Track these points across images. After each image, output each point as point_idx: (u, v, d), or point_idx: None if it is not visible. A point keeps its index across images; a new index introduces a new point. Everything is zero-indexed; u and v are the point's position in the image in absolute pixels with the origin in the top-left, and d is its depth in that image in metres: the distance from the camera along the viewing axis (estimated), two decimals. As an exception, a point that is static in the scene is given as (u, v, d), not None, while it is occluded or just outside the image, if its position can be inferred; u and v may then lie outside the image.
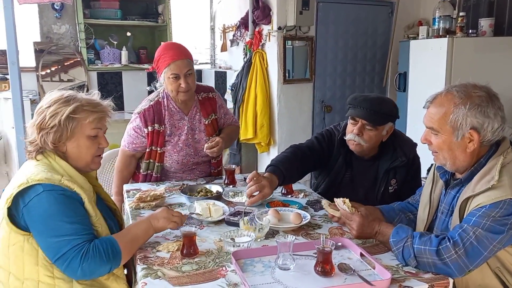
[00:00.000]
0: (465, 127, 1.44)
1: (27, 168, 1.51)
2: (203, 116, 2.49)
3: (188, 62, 2.35)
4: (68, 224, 1.39)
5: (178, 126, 2.44)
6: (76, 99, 1.56)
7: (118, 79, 4.67)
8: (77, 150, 1.57)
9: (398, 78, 4.24)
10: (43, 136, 1.52)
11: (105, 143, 1.65)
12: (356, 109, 2.07)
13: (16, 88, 2.57)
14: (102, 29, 4.60)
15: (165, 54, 2.33)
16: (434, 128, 1.51)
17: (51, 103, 1.54)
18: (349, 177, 2.22)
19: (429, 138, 1.54)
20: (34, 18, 4.29)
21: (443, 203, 1.62)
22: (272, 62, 4.19)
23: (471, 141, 1.46)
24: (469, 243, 1.36)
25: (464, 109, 1.43)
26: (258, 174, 1.92)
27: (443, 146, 1.50)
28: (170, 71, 2.30)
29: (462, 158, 1.49)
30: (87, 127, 1.57)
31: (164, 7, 4.80)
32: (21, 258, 1.43)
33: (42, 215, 1.40)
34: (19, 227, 1.43)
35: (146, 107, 2.41)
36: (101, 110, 1.61)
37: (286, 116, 4.25)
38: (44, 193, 1.41)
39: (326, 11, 4.32)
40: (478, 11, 4.06)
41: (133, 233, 1.54)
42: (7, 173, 4.37)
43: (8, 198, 1.42)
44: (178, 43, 2.48)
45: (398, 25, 4.54)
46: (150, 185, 2.35)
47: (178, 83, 2.31)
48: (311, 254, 1.51)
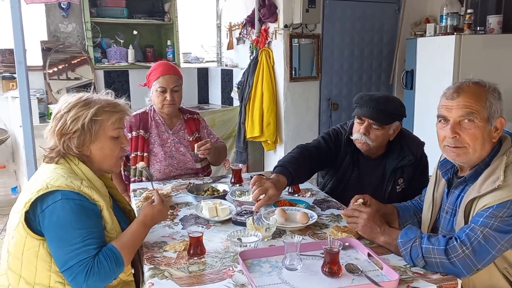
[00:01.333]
0: (497, 114, 1.46)
1: (46, 172, 1.50)
2: (188, 133, 2.62)
3: (176, 79, 2.53)
4: (78, 237, 1.39)
5: (162, 138, 2.55)
6: (95, 101, 1.56)
7: (124, 77, 4.68)
8: (101, 152, 1.57)
9: (405, 75, 4.21)
10: (65, 141, 1.51)
11: (127, 142, 1.66)
12: (362, 109, 2.06)
13: (24, 87, 2.57)
14: (109, 28, 4.61)
15: (156, 69, 2.52)
16: (472, 115, 1.44)
17: (70, 108, 1.52)
18: (356, 176, 2.21)
19: (458, 131, 1.47)
20: (41, 17, 4.31)
21: (447, 202, 1.61)
22: (278, 60, 4.18)
23: (496, 130, 1.47)
24: (476, 242, 1.36)
25: (495, 97, 1.46)
26: (260, 177, 1.89)
27: (478, 135, 1.45)
28: (158, 84, 2.48)
29: (487, 149, 1.48)
30: (109, 128, 1.57)
31: (170, 5, 4.79)
32: (34, 263, 1.43)
33: (55, 223, 1.39)
34: (35, 232, 1.42)
35: (133, 115, 2.53)
36: (120, 110, 1.61)
37: (293, 114, 4.25)
38: (61, 202, 1.40)
39: (332, 8, 4.30)
40: (486, 8, 4.02)
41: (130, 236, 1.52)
42: (15, 171, 4.40)
43: (27, 202, 1.41)
44: (169, 62, 2.65)
45: (405, 22, 4.51)
46: (156, 184, 2.35)
47: (164, 96, 2.49)
48: (318, 254, 1.51)
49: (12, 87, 4.18)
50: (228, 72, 4.94)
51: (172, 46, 4.89)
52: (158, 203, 1.62)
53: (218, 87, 5.16)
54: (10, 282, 1.47)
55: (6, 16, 3.18)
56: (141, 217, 1.58)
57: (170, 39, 4.90)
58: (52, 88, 4.26)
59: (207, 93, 5.35)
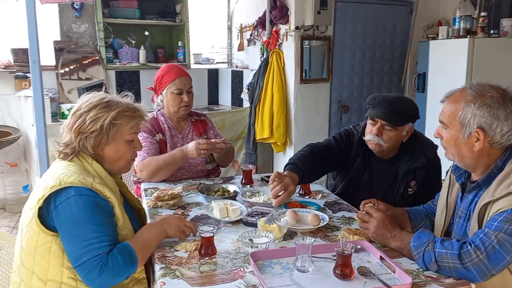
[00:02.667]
0: (472, 125, 1.44)
1: (59, 169, 1.52)
2: (196, 135, 2.63)
3: (190, 80, 2.55)
4: (91, 233, 1.40)
5: (173, 141, 2.54)
6: (116, 104, 1.58)
7: (135, 77, 4.71)
8: (115, 154, 1.59)
9: (417, 78, 4.19)
10: (81, 140, 1.54)
11: (140, 146, 1.69)
12: (375, 109, 2.05)
13: (37, 86, 2.60)
14: (121, 28, 4.64)
15: (169, 72, 2.50)
16: (444, 122, 1.53)
17: (91, 107, 1.55)
18: (367, 177, 2.20)
19: (440, 133, 1.56)
20: (54, 17, 4.35)
21: (460, 207, 1.60)
22: (289, 61, 4.17)
23: (477, 140, 1.45)
24: (491, 247, 1.34)
25: (473, 107, 1.44)
26: (280, 174, 1.92)
27: (450, 141, 1.52)
28: (175, 86, 2.47)
29: (470, 156, 1.49)
30: (126, 132, 1.59)
31: (182, 6, 4.81)
32: (47, 259, 1.44)
33: (69, 219, 1.40)
34: (48, 228, 1.43)
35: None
36: (139, 115, 1.63)
37: (303, 116, 4.24)
38: (74, 198, 1.41)
39: (344, 10, 4.29)
40: (499, 11, 3.98)
41: (146, 238, 1.53)
42: (27, 170, 4.44)
43: (40, 198, 1.42)
44: (178, 64, 2.65)
45: (417, 24, 4.49)
46: (167, 184, 2.36)
47: (181, 98, 2.48)
48: (330, 256, 1.50)
49: (24, 86, 4.22)
50: (239, 74, 4.95)
51: (183, 47, 4.91)
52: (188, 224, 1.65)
53: (228, 88, 5.16)
54: (23, 278, 1.48)
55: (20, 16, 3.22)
56: (160, 221, 1.61)
57: (181, 40, 4.92)
58: (63, 88, 4.30)
59: (217, 94, 5.36)
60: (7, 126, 4.23)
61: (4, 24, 4.32)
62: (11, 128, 4.21)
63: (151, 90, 2.64)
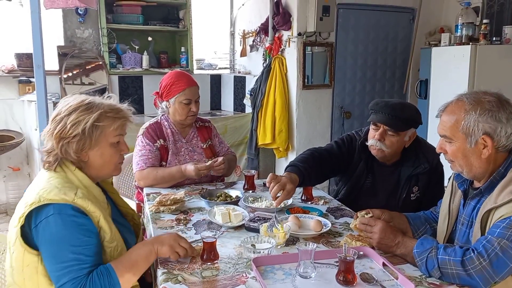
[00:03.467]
0: (478, 133, 1.44)
1: (40, 183, 1.44)
2: (201, 141, 2.62)
3: (198, 90, 2.54)
4: (71, 254, 1.33)
5: (176, 146, 2.54)
6: (97, 105, 1.50)
7: (138, 82, 4.73)
8: (100, 159, 1.52)
9: (419, 85, 4.20)
10: (63, 145, 1.45)
11: (126, 148, 1.60)
12: (377, 115, 2.06)
13: (41, 91, 2.61)
14: (124, 34, 4.67)
15: (179, 81, 2.48)
16: (447, 136, 1.51)
17: (71, 111, 1.47)
18: (370, 182, 2.21)
19: (444, 147, 1.54)
20: (58, 23, 4.38)
21: (463, 214, 1.60)
22: (291, 67, 4.19)
23: (485, 147, 1.45)
24: (494, 254, 1.33)
25: (474, 115, 1.44)
26: (276, 175, 1.92)
27: (457, 153, 1.50)
28: (184, 96, 2.46)
29: (478, 165, 1.48)
30: (110, 134, 1.51)
31: (185, 12, 4.84)
32: (36, 279, 1.38)
33: (48, 239, 1.34)
34: (32, 246, 1.38)
35: (147, 125, 2.55)
36: (123, 116, 1.55)
37: (305, 121, 4.24)
38: (53, 217, 1.34)
39: (346, 17, 4.31)
40: (502, 19, 3.99)
41: (133, 259, 1.44)
42: (29, 174, 4.45)
43: (21, 217, 1.36)
44: (186, 72, 2.62)
45: (419, 31, 4.49)
46: (170, 189, 2.36)
47: (189, 107, 2.48)
48: (333, 262, 1.50)
49: (28, 90, 4.25)
50: (241, 79, 4.96)
51: (186, 53, 4.93)
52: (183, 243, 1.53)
53: (230, 93, 5.18)
54: None
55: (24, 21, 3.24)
56: (151, 239, 1.52)
57: (184, 45, 4.95)
58: (67, 93, 4.31)
59: (219, 99, 5.37)
60: (10, 131, 4.24)
61: (8, 29, 4.35)
62: (14, 133, 4.23)
63: (155, 95, 2.62)
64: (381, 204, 2.04)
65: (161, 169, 2.41)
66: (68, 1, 3.15)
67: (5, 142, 4.00)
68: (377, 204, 1.98)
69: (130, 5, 4.57)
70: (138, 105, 4.71)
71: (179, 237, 1.54)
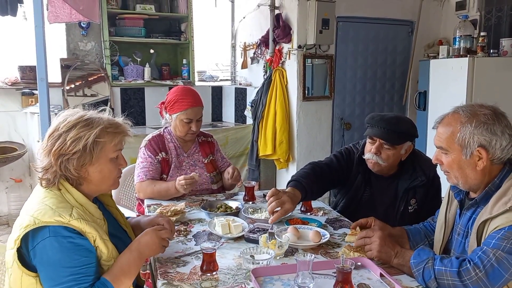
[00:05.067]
0: (473, 145, 1.46)
1: (35, 203, 1.42)
2: (202, 156, 2.64)
3: (201, 109, 2.55)
4: (69, 276, 1.33)
5: (179, 160, 2.56)
6: (96, 121, 1.48)
7: (140, 94, 4.77)
8: (100, 174, 1.50)
9: (418, 96, 4.23)
10: (63, 162, 1.42)
11: (125, 163, 1.59)
12: (373, 129, 2.09)
13: (44, 103, 2.64)
14: (127, 46, 4.72)
15: (183, 99, 2.49)
16: (443, 147, 1.53)
17: (70, 127, 1.44)
18: (368, 195, 2.23)
19: (440, 158, 1.57)
20: (62, 36, 4.43)
21: (459, 224, 1.62)
22: (291, 79, 4.23)
23: (480, 159, 1.48)
24: (489, 265, 1.35)
25: (470, 127, 1.46)
26: (278, 190, 1.94)
27: (453, 165, 1.52)
28: (185, 115, 2.48)
29: (473, 176, 1.51)
30: (110, 150, 1.50)
31: (187, 25, 4.90)
32: None
33: (46, 262, 1.34)
34: (30, 268, 1.37)
35: (150, 138, 2.57)
36: (122, 131, 1.55)
37: (305, 132, 4.27)
38: (49, 239, 1.33)
39: (345, 30, 4.36)
40: (499, 31, 4.04)
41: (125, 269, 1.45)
42: (31, 185, 4.48)
43: (16, 239, 1.36)
44: (193, 90, 2.62)
45: (418, 44, 4.54)
46: (170, 201, 2.38)
47: (189, 126, 2.50)
48: (331, 273, 1.52)
49: (31, 103, 4.29)
50: (242, 91, 5.01)
51: (187, 65, 4.98)
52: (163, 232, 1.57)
53: (232, 105, 5.22)
54: None
55: (28, 34, 3.29)
56: (130, 246, 1.51)
57: (185, 58, 5.00)
58: (69, 104, 4.35)
59: (221, 111, 5.41)
60: (13, 142, 4.28)
61: (12, 42, 4.40)
62: (17, 144, 4.26)
63: (160, 108, 2.63)
64: (380, 216, 2.03)
65: (158, 183, 2.43)
66: (71, 16, 3.20)
67: (7, 153, 4.03)
68: (375, 216, 1.98)
69: (132, 18, 4.63)
70: (140, 116, 4.75)
71: (156, 232, 1.56)
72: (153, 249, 1.54)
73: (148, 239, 1.53)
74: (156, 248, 1.54)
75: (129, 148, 1.66)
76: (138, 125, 4.64)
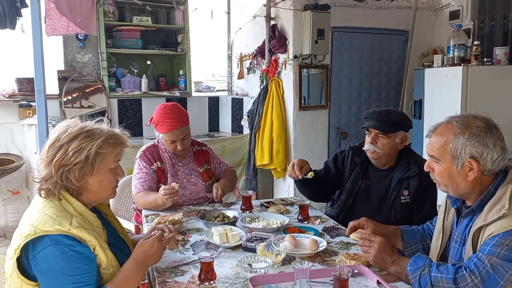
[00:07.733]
0: (464, 156, 1.48)
1: (35, 212, 1.43)
2: (197, 165, 2.65)
3: (185, 129, 2.51)
4: (70, 284, 1.34)
5: (174, 169, 2.57)
6: (97, 132, 1.50)
7: (137, 105, 4.79)
8: (99, 184, 1.51)
9: (414, 105, 4.26)
10: (64, 173, 1.43)
11: (122, 172, 1.62)
12: (368, 121, 2.32)
13: (42, 115, 2.66)
14: (124, 58, 4.75)
15: (165, 121, 2.47)
16: (435, 156, 1.56)
17: (71, 138, 1.45)
18: (364, 186, 2.38)
19: (431, 166, 1.60)
20: (59, 48, 4.46)
21: (456, 231, 1.63)
22: (288, 89, 4.26)
23: (471, 169, 1.49)
24: (485, 272, 1.37)
25: (463, 139, 1.48)
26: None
27: (443, 174, 1.55)
28: (167, 137, 2.49)
29: (464, 186, 1.53)
30: (111, 160, 1.52)
31: (184, 36, 4.94)
32: None
33: (47, 271, 1.35)
34: (30, 277, 1.38)
35: (144, 148, 2.58)
36: (121, 142, 1.57)
37: (302, 142, 4.30)
38: (50, 248, 1.34)
39: (341, 39, 4.41)
40: (492, 40, 4.09)
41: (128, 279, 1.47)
42: (28, 197, 4.47)
43: (16, 249, 1.37)
44: (178, 109, 2.55)
45: (412, 53, 4.59)
46: (168, 211, 2.39)
47: (175, 145, 2.51)
48: (328, 281, 1.52)
49: (28, 114, 4.30)
50: (239, 101, 5.03)
51: (184, 76, 5.01)
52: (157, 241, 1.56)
53: (228, 115, 5.24)
54: None
55: (25, 47, 3.31)
56: (133, 256, 1.53)
57: (182, 68, 5.03)
58: (66, 116, 4.36)
59: (217, 121, 5.43)
60: (10, 154, 4.28)
61: (9, 54, 4.42)
62: (14, 156, 4.26)
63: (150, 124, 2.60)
64: (375, 206, 2.29)
65: (150, 194, 2.42)
66: (69, 28, 3.23)
67: (5, 165, 4.03)
68: (371, 205, 2.27)
69: (129, 30, 4.67)
70: (137, 127, 4.76)
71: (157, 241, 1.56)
72: (155, 257, 1.55)
73: (146, 252, 1.54)
74: (156, 256, 1.56)
75: (126, 159, 1.68)
76: (135, 136, 4.66)
